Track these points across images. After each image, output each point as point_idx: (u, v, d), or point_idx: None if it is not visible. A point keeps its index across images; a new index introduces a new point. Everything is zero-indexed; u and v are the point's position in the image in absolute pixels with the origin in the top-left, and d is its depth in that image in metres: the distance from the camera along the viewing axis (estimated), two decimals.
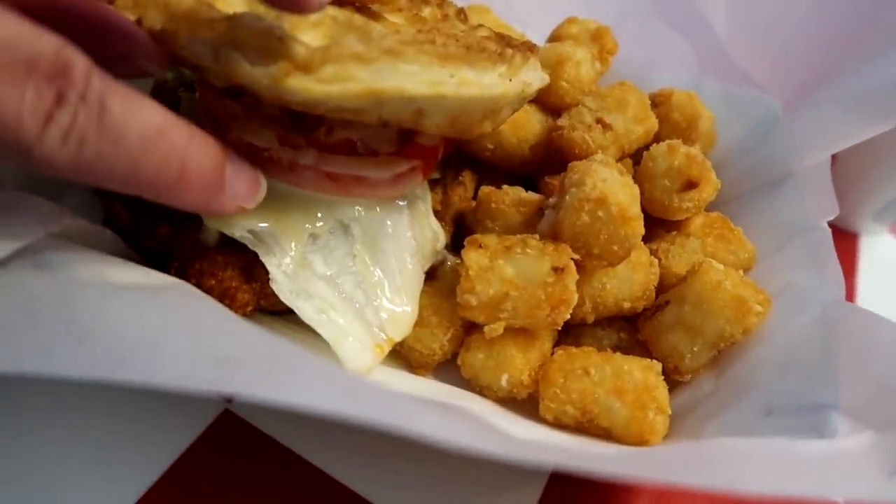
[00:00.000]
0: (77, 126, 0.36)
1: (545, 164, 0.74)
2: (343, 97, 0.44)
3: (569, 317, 0.57)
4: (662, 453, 0.53)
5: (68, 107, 0.36)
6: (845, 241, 0.98)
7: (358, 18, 0.51)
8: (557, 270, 0.56)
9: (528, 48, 0.59)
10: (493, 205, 0.66)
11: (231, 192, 0.46)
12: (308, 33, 0.47)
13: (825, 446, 0.46)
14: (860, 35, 0.71)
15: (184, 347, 0.37)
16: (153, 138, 0.39)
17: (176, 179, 0.42)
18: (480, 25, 0.67)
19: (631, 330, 0.65)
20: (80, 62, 0.36)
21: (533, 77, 0.57)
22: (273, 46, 0.43)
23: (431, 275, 0.64)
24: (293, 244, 0.53)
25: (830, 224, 0.65)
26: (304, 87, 0.42)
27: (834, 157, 0.75)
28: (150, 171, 0.40)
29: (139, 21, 0.46)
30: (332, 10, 0.50)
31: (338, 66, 0.43)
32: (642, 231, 0.58)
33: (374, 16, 0.54)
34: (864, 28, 0.71)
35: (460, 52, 0.47)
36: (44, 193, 0.64)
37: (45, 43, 0.35)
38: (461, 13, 0.68)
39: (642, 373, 0.55)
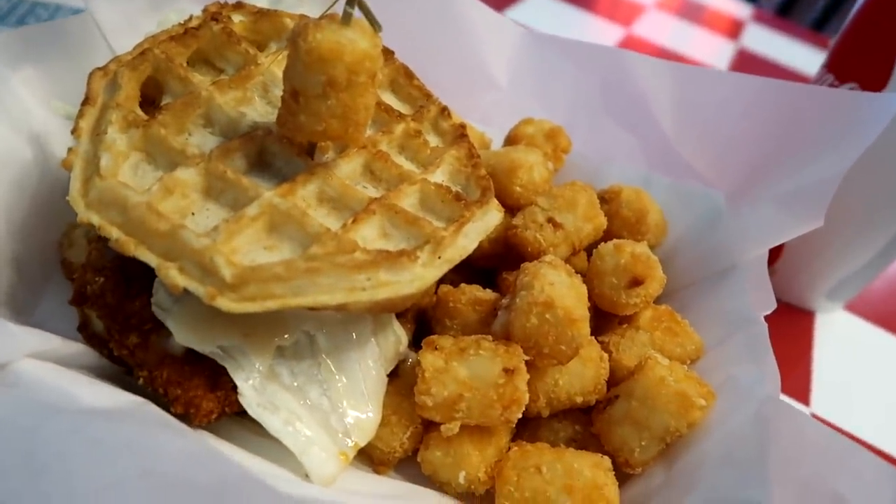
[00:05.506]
0: None
1: (504, 258, 0.78)
2: (264, 311, 0.49)
3: (523, 413, 0.60)
4: None
5: None
6: (802, 318, 1.02)
7: (296, 207, 0.53)
8: (508, 372, 0.59)
9: (483, 192, 0.63)
10: (450, 304, 0.69)
11: None
12: (246, 230, 0.51)
13: None
14: (787, 139, 0.77)
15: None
16: None
17: None
18: (461, 127, 0.71)
19: (586, 422, 0.67)
20: None
21: (478, 229, 0.62)
22: (205, 265, 0.48)
23: (394, 372, 0.67)
24: (261, 358, 0.55)
25: (789, 303, 0.68)
26: (230, 306, 0.48)
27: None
28: None
29: (100, 227, 0.50)
30: (275, 198, 0.53)
31: (260, 285, 0.48)
32: (588, 331, 0.61)
33: (327, 171, 0.56)
34: (790, 133, 0.77)
35: (380, 257, 0.52)
36: (21, 300, 0.68)
37: None
38: (444, 111, 0.72)
39: (591, 470, 0.58)
